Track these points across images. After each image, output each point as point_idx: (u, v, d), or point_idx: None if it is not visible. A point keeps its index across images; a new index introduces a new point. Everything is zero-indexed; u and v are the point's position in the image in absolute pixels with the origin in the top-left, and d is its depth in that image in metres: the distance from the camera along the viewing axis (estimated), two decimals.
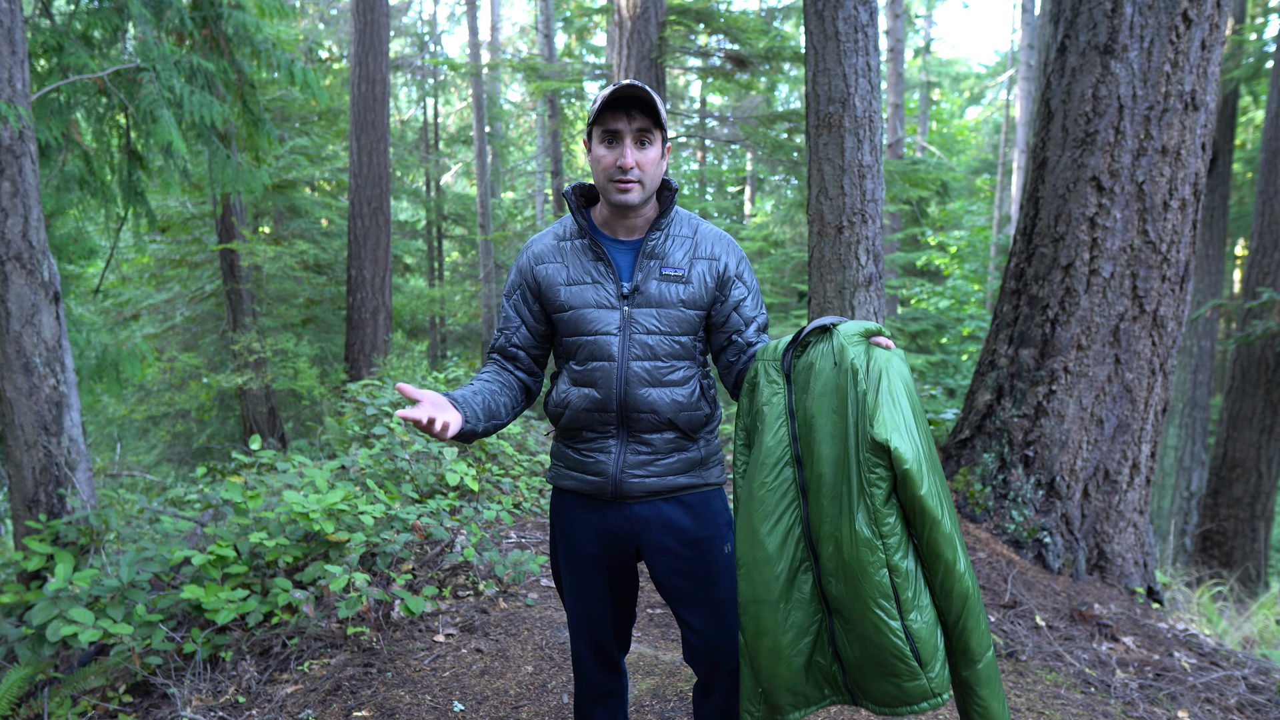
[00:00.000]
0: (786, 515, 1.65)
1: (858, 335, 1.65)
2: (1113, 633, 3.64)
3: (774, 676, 1.66)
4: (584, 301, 1.79)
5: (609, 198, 1.76)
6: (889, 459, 1.50)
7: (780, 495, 1.65)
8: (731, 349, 1.86)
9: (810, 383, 1.65)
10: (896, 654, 1.53)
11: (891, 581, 1.52)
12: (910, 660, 1.53)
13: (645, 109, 1.72)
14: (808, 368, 1.67)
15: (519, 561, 3.61)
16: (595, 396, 1.79)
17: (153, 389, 10.82)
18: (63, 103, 4.88)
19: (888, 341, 1.65)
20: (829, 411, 1.61)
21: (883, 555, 1.52)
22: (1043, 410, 4.31)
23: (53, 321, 3.89)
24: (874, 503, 1.52)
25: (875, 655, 1.55)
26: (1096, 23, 4.17)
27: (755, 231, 14.88)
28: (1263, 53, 9.55)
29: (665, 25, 8.56)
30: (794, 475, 1.65)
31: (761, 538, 1.65)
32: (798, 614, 1.64)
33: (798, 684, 1.67)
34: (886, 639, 1.53)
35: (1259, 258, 7.85)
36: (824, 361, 1.64)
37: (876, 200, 4.13)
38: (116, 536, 3.86)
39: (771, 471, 1.66)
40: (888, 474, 1.51)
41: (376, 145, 9.96)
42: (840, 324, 1.67)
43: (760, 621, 1.65)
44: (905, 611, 1.52)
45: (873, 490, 1.52)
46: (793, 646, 1.65)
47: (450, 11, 23.62)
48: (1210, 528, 8.08)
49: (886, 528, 1.52)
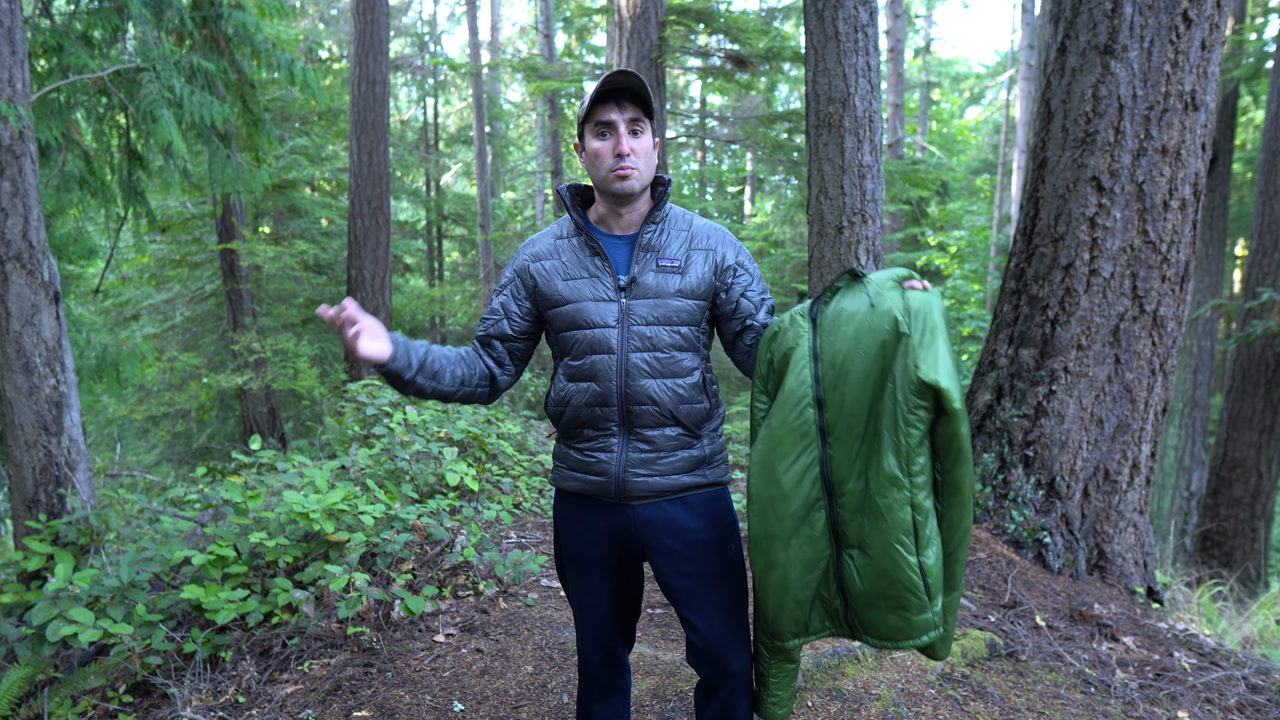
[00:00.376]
0: (805, 455, 1.70)
1: (891, 281, 1.68)
2: (1113, 633, 3.64)
3: (781, 606, 1.74)
4: (581, 295, 1.80)
5: (609, 188, 1.78)
6: (934, 400, 1.54)
7: (799, 435, 1.70)
8: (748, 334, 1.87)
9: (841, 326, 1.68)
10: (911, 587, 1.60)
11: (914, 519, 1.58)
12: (921, 594, 1.60)
13: (635, 98, 1.75)
14: (837, 313, 1.70)
15: (519, 561, 3.61)
16: (595, 390, 1.79)
17: (153, 389, 10.81)
18: (63, 103, 4.88)
19: (923, 284, 1.68)
20: (862, 354, 1.64)
21: (909, 494, 1.58)
22: (1043, 410, 4.31)
23: (53, 321, 3.88)
24: (910, 442, 1.56)
25: (888, 589, 1.62)
26: (1096, 23, 4.17)
27: (755, 231, 14.88)
28: (1263, 53, 9.55)
29: (665, 25, 8.56)
30: (815, 416, 1.69)
31: (779, 475, 1.70)
32: (808, 549, 1.71)
33: (801, 614, 1.75)
34: (904, 573, 1.59)
35: (1259, 258, 7.85)
36: (857, 304, 1.67)
37: (876, 200, 4.13)
38: (116, 536, 3.86)
39: (793, 410, 1.70)
40: (929, 415, 1.55)
41: (376, 145, 9.96)
42: (870, 273, 1.71)
43: (771, 555, 1.72)
44: (921, 548, 1.59)
45: (910, 430, 1.56)
46: (801, 579, 1.72)
47: (450, 11, 23.63)
48: (1210, 528, 8.08)
49: (916, 467, 1.57)
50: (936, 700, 2.73)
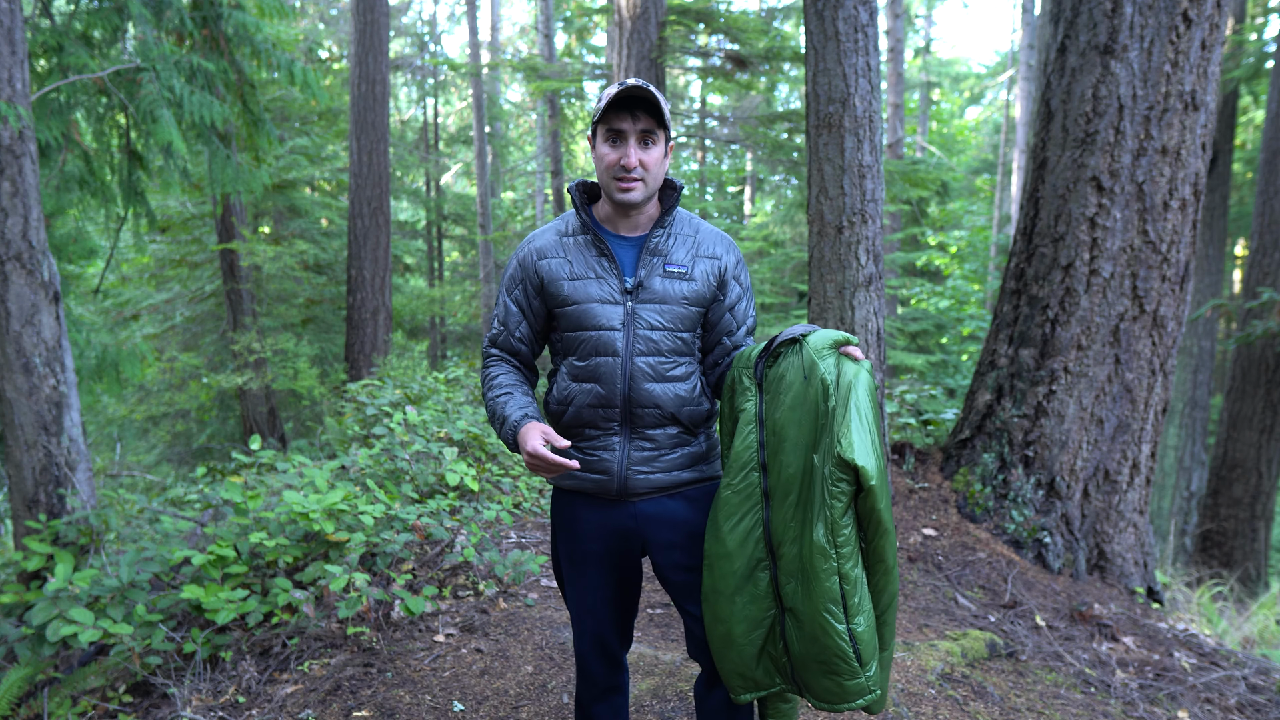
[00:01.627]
0: (748, 516, 1.76)
1: (827, 348, 1.72)
2: (1113, 633, 3.64)
3: (723, 660, 1.80)
4: (588, 296, 1.80)
5: (611, 195, 1.78)
6: (854, 475, 1.60)
7: (744, 497, 1.76)
8: (719, 349, 1.90)
9: (781, 394, 1.74)
10: (840, 655, 1.64)
11: (841, 588, 1.63)
12: (852, 660, 1.64)
13: (650, 109, 1.74)
14: (779, 379, 1.76)
15: (519, 561, 3.61)
16: (599, 392, 1.79)
17: (153, 389, 10.81)
18: (63, 103, 4.88)
19: (857, 352, 1.72)
20: (796, 424, 1.71)
21: (835, 564, 1.63)
22: (1043, 410, 4.31)
23: (53, 321, 3.88)
24: (833, 514, 1.62)
25: (820, 654, 1.66)
26: (1096, 23, 4.17)
27: (755, 231, 14.87)
28: (1263, 53, 9.54)
29: (665, 25, 8.56)
30: (759, 480, 1.76)
31: (723, 535, 1.77)
32: (751, 608, 1.76)
33: (748, 670, 1.80)
34: (832, 640, 1.64)
35: (1259, 258, 7.84)
36: (794, 375, 1.73)
37: (876, 200, 4.13)
38: (116, 536, 3.86)
39: (738, 474, 1.77)
40: (850, 488, 1.61)
41: (376, 145, 9.96)
42: (810, 335, 1.74)
43: (716, 610, 1.78)
44: (850, 615, 1.64)
45: (833, 504, 1.62)
46: (745, 636, 1.77)
47: (450, 11, 23.63)
48: (1210, 528, 8.08)
49: (842, 538, 1.62)
50: (936, 700, 2.73)
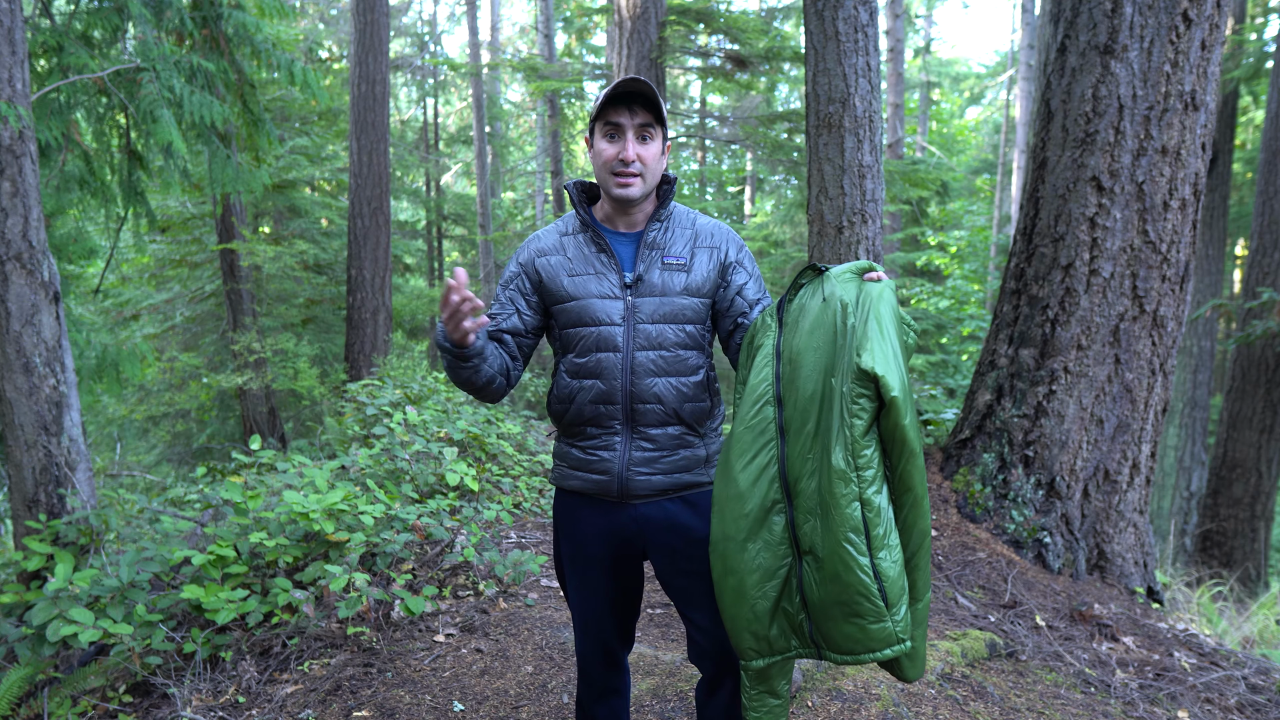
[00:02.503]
0: (762, 453, 1.64)
1: (849, 273, 1.65)
2: (1113, 633, 3.64)
3: (736, 617, 1.65)
4: (588, 292, 1.80)
5: (610, 191, 1.79)
6: (874, 388, 1.48)
7: (758, 433, 1.65)
8: (739, 332, 1.87)
9: (799, 321, 1.65)
10: (863, 592, 1.49)
11: (863, 516, 1.50)
12: (876, 599, 1.49)
13: (647, 104, 1.75)
14: (799, 309, 1.68)
15: (519, 561, 3.61)
16: (600, 388, 1.79)
17: (153, 389, 10.81)
18: (63, 103, 4.87)
19: (880, 274, 1.64)
20: (814, 347, 1.60)
21: (856, 488, 1.50)
22: (1043, 410, 4.31)
23: (53, 321, 3.88)
24: (853, 433, 1.50)
25: (841, 594, 1.51)
26: (1096, 23, 4.17)
27: (755, 231, 14.87)
28: (1263, 53, 9.54)
29: (665, 25, 8.56)
30: (774, 414, 1.65)
31: (735, 474, 1.65)
32: (765, 555, 1.62)
33: (760, 628, 1.64)
34: (854, 575, 1.49)
35: (1259, 258, 7.85)
36: (813, 300, 1.65)
37: (876, 200, 4.13)
38: (116, 536, 3.85)
39: (751, 408, 1.66)
40: (871, 404, 1.50)
41: (376, 145, 9.96)
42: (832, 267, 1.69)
43: (727, 559, 1.64)
44: (875, 549, 1.49)
45: (854, 421, 1.50)
46: (758, 588, 1.62)
47: (450, 11, 23.62)
48: (1210, 528, 8.08)
49: (863, 460, 1.50)
50: (936, 700, 2.73)
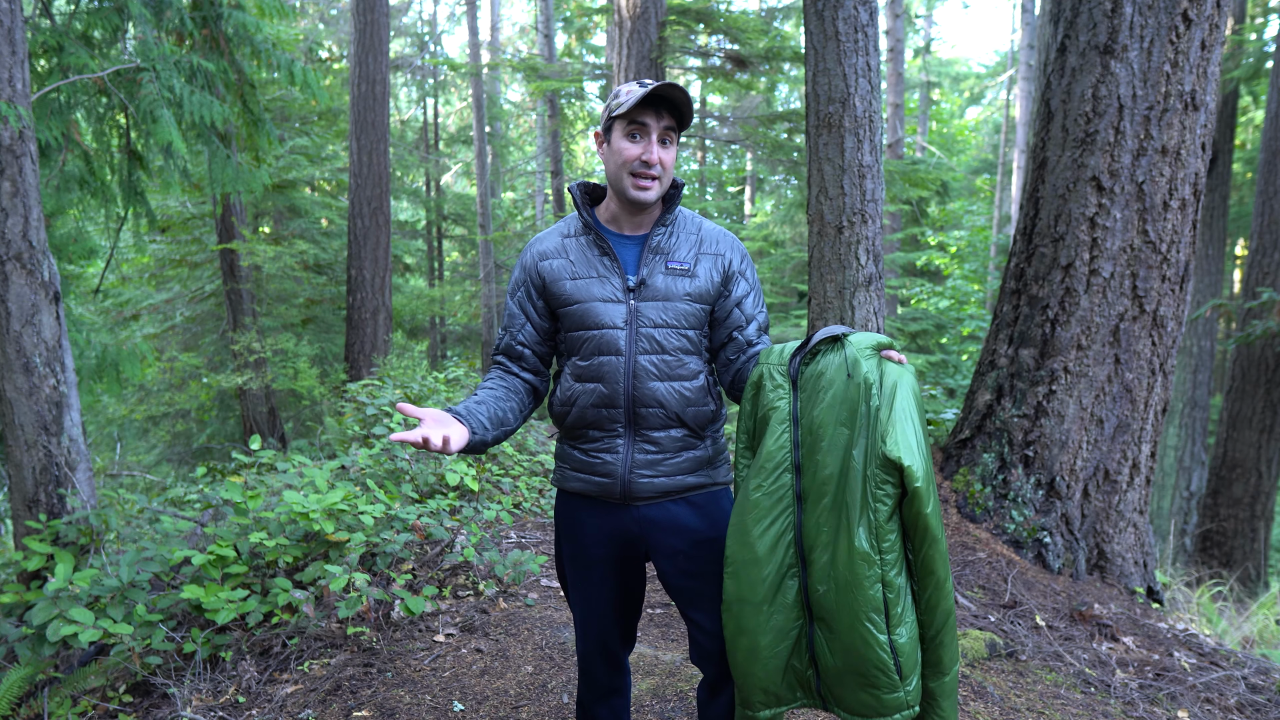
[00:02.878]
0: (780, 520, 1.69)
1: (870, 349, 1.67)
2: (1113, 633, 3.64)
3: (749, 675, 1.71)
4: (590, 295, 1.79)
5: (625, 193, 1.77)
6: (899, 477, 1.53)
7: (775, 500, 1.69)
8: (731, 346, 1.87)
9: (819, 392, 1.67)
10: (880, 667, 1.57)
11: (884, 596, 1.56)
12: (892, 673, 1.57)
13: (674, 110, 1.75)
14: (816, 376, 1.69)
15: (519, 561, 3.61)
16: (602, 391, 1.78)
17: (153, 389, 10.81)
18: (63, 103, 4.87)
19: (900, 356, 1.67)
20: (836, 423, 1.63)
21: (879, 571, 1.56)
22: (1043, 410, 4.31)
23: (53, 321, 3.88)
24: (877, 518, 1.55)
25: (858, 666, 1.59)
26: (1096, 23, 4.17)
27: (755, 231, 14.87)
28: (1263, 53, 9.54)
29: (665, 25, 8.56)
30: (792, 481, 1.68)
31: (753, 540, 1.69)
32: (779, 617, 1.68)
33: (771, 684, 1.71)
34: (873, 651, 1.56)
35: (1259, 258, 7.84)
36: (837, 373, 1.66)
37: (876, 200, 4.13)
38: (116, 536, 3.85)
39: (770, 476, 1.69)
40: (895, 491, 1.54)
41: (376, 145, 9.96)
42: (851, 335, 1.69)
43: (742, 621, 1.70)
44: (893, 626, 1.57)
45: (878, 506, 1.55)
46: (771, 649, 1.69)
47: (450, 11, 23.61)
48: (1210, 528, 8.08)
49: (887, 544, 1.55)
50: None
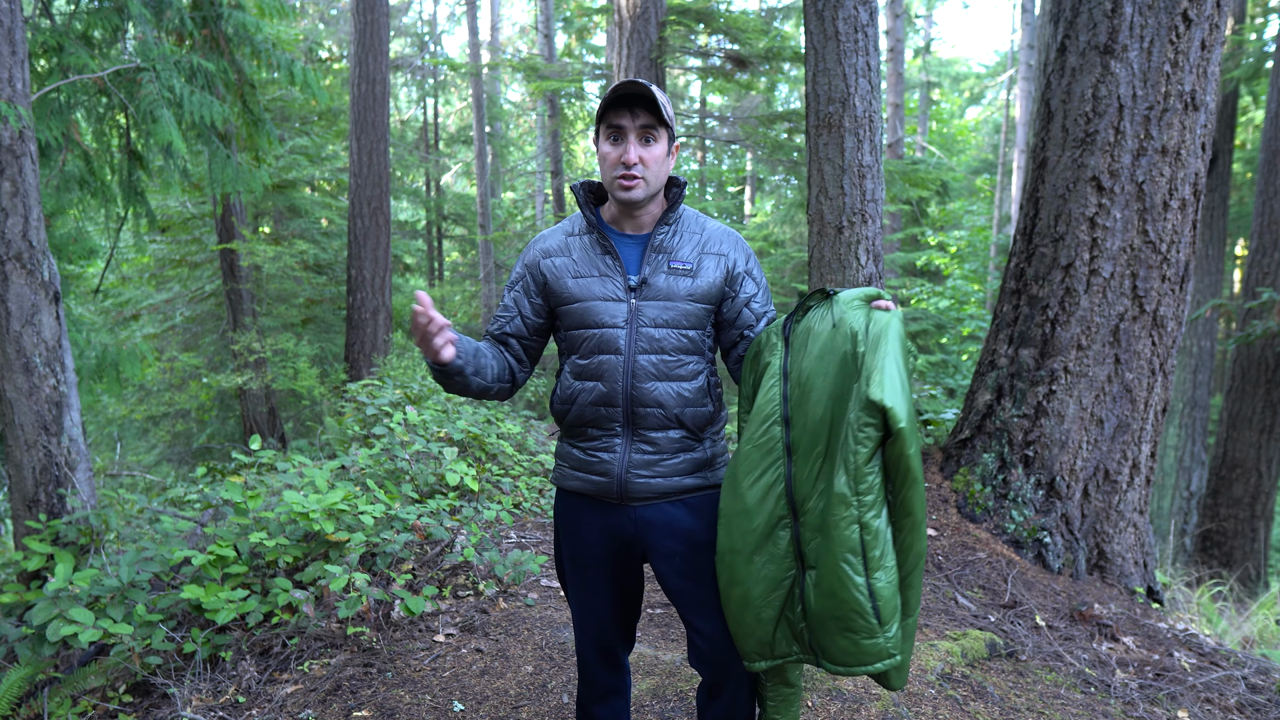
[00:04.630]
0: (770, 471, 1.71)
1: (858, 300, 1.70)
2: (1113, 633, 3.64)
3: (741, 624, 1.74)
4: (591, 294, 1.79)
5: (614, 194, 1.78)
6: (882, 418, 1.53)
7: (765, 451, 1.72)
8: (743, 344, 1.87)
9: (808, 344, 1.70)
10: (857, 610, 1.57)
11: (861, 539, 1.57)
12: (870, 617, 1.57)
13: (649, 106, 1.73)
14: (806, 331, 1.73)
15: (519, 561, 3.61)
16: (601, 390, 1.79)
17: (153, 389, 10.81)
18: (63, 103, 4.87)
19: (888, 304, 1.68)
20: (824, 373, 1.66)
21: (855, 512, 1.56)
22: (1043, 410, 4.31)
23: (53, 321, 3.88)
24: (857, 460, 1.56)
25: (837, 610, 1.59)
26: (1096, 23, 4.17)
27: (755, 231, 14.87)
28: (1263, 53, 9.54)
29: (665, 25, 8.56)
30: (781, 434, 1.71)
31: (742, 490, 1.72)
32: (770, 568, 1.71)
33: (765, 634, 1.73)
34: (849, 593, 1.57)
35: (1259, 258, 7.84)
36: (823, 324, 1.70)
37: (876, 200, 4.13)
38: (116, 536, 3.85)
39: (759, 428, 1.73)
40: (877, 433, 1.55)
41: (376, 145, 9.96)
42: (841, 290, 1.72)
43: (734, 571, 1.73)
44: (871, 569, 1.57)
45: (858, 449, 1.55)
46: (763, 598, 1.71)
47: (450, 11, 23.61)
48: (1210, 528, 8.08)
49: (864, 485, 1.56)
50: (936, 700, 2.73)
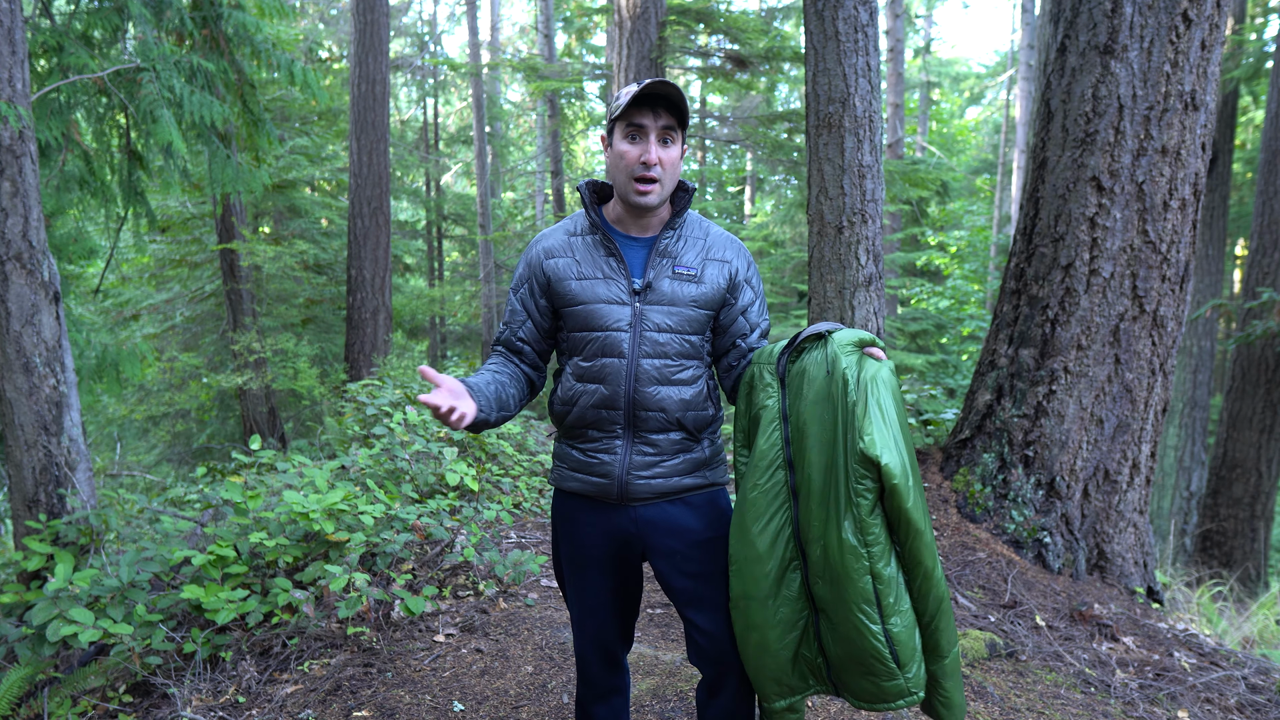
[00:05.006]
0: (777, 516, 1.72)
1: (851, 345, 1.70)
2: (1113, 633, 3.64)
3: (761, 668, 1.76)
4: (595, 296, 1.78)
5: (628, 197, 1.76)
6: (877, 473, 1.56)
7: (772, 497, 1.73)
8: (734, 353, 1.88)
9: (804, 388, 1.71)
10: (876, 656, 1.61)
11: (874, 588, 1.60)
12: (889, 662, 1.61)
13: (671, 107, 1.72)
14: (801, 374, 1.73)
15: (519, 561, 3.61)
16: (604, 393, 1.78)
17: (153, 389, 10.81)
18: (63, 103, 4.87)
19: (879, 353, 1.70)
20: (819, 419, 1.67)
21: (866, 563, 1.59)
22: (1043, 410, 4.31)
23: (53, 321, 3.88)
24: (860, 513, 1.58)
25: (856, 655, 1.63)
26: (1096, 23, 4.17)
27: (755, 231, 14.86)
28: (1263, 53, 9.54)
29: (665, 25, 8.56)
30: (786, 478, 1.72)
31: (752, 537, 1.73)
32: (785, 610, 1.72)
33: (783, 675, 1.76)
34: (868, 641, 1.60)
35: (1259, 258, 7.84)
36: (817, 369, 1.70)
37: (876, 200, 4.13)
38: (116, 536, 3.85)
39: (764, 474, 1.74)
40: (874, 485, 1.58)
41: (376, 145, 9.96)
42: (835, 331, 1.72)
43: (749, 616, 1.74)
44: (886, 616, 1.60)
45: (859, 500, 1.58)
46: (780, 640, 1.73)
47: (450, 11, 23.61)
48: (1210, 528, 8.08)
49: (871, 536, 1.59)
50: None
